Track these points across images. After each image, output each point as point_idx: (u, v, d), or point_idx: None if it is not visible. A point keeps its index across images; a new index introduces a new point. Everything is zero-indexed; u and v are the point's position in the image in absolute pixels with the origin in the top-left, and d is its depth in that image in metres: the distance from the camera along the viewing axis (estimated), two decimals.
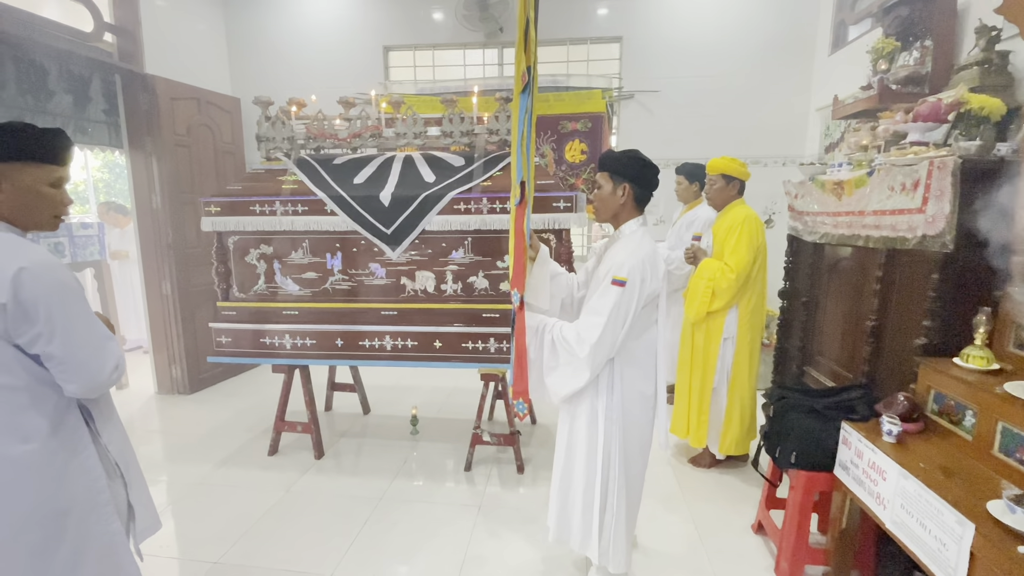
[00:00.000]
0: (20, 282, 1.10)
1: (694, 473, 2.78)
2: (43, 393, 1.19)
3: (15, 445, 1.16)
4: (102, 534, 1.28)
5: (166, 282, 3.88)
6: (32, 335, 1.13)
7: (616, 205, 1.58)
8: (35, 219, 1.24)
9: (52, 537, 1.21)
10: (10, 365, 1.14)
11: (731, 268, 2.45)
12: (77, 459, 1.24)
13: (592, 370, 1.49)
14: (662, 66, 4.27)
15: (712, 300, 2.50)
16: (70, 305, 1.17)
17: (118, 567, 1.32)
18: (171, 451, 3.13)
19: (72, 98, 3.47)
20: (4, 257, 1.11)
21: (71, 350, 1.16)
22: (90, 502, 1.26)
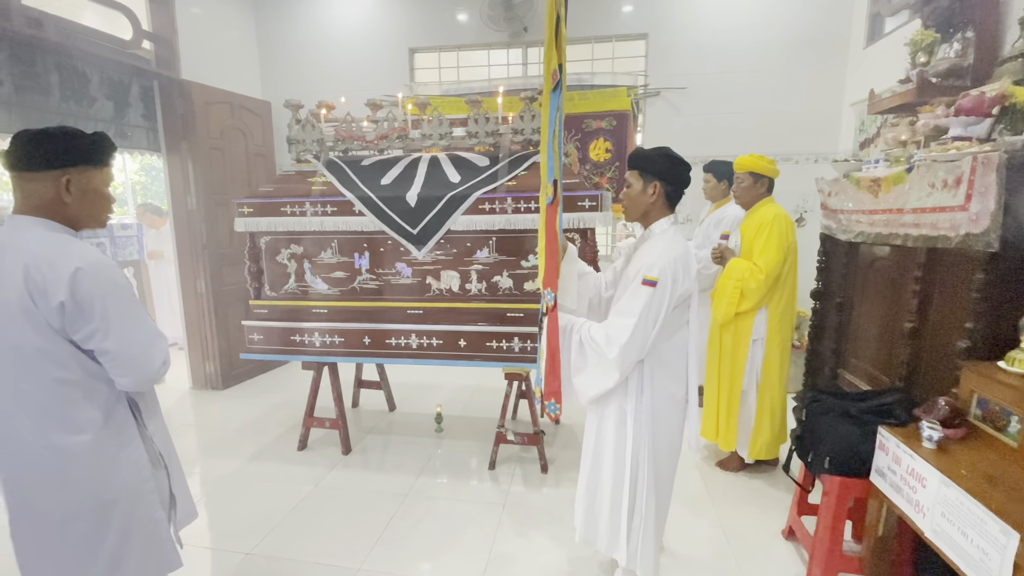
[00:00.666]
0: (77, 281, 1.15)
1: (722, 477, 2.73)
2: (95, 387, 1.24)
3: (69, 436, 1.21)
4: (147, 522, 1.33)
5: (200, 281, 4.01)
6: (88, 331, 1.18)
7: (646, 204, 1.57)
8: (95, 219, 1.31)
9: (101, 525, 1.26)
10: (66, 360, 1.20)
11: (760, 268, 2.40)
12: (125, 450, 1.29)
13: (621, 371, 1.48)
14: (689, 63, 4.21)
15: (741, 301, 2.45)
16: (123, 303, 1.22)
17: (161, 553, 1.37)
18: (205, 444, 3.23)
19: (113, 104, 3.61)
20: (61, 257, 1.16)
21: (124, 346, 1.21)
22: (136, 491, 1.31)
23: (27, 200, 1.21)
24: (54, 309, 1.15)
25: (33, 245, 1.17)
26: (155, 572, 1.37)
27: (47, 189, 1.21)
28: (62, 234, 1.23)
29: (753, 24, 4.08)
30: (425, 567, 2.08)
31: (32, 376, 1.19)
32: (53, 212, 1.23)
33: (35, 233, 1.19)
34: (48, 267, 1.14)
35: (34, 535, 1.26)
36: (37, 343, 1.17)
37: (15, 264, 1.15)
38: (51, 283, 1.14)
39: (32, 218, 1.21)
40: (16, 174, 1.21)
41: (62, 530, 1.24)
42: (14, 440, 1.22)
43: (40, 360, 1.18)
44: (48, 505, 1.24)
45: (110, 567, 1.28)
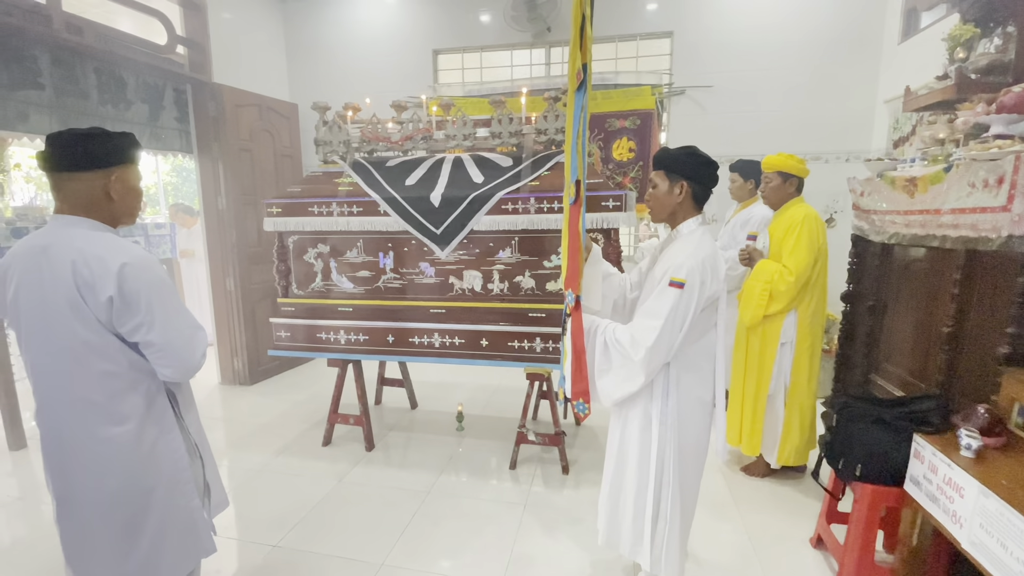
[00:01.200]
0: (124, 276, 1.20)
1: (747, 482, 2.68)
2: (138, 379, 1.30)
3: (113, 427, 1.27)
4: (184, 509, 1.38)
5: (230, 279, 4.12)
6: (134, 324, 1.23)
7: (673, 204, 1.55)
8: (131, 215, 1.36)
9: (141, 511, 1.32)
10: (112, 353, 1.25)
11: (790, 270, 2.35)
12: (165, 439, 1.34)
13: (647, 374, 1.46)
14: (715, 60, 4.14)
15: (769, 303, 2.40)
16: (166, 297, 1.27)
17: (197, 540, 1.42)
18: (233, 438, 3.31)
19: (148, 107, 3.73)
20: (108, 254, 1.21)
21: (168, 338, 1.26)
22: (174, 479, 1.36)
23: (70, 200, 1.26)
24: (102, 304, 1.20)
25: (79, 243, 1.22)
26: (191, 556, 1.42)
27: (93, 188, 1.25)
28: (105, 232, 1.28)
29: (782, 21, 4.00)
30: (447, 565, 2.10)
31: (79, 369, 1.24)
32: (96, 211, 1.28)
33: (80, 232, 1.24)
34: (96, 263, 1.19)
35: (80, 521, 1.31)
36: (85, 337, 1.22)
37: (62, 262, 1.20)
38: (99, 279, 1.19)
39: (76, 217, 1.26)
40: (59, 175, 1.24)
41: (106, 516, 1.30)
42: (61, 431, 1.28)
43: (87, 353, 1.23)
44: (93, 492, 1.29)
45: (150, 551, 1.33)
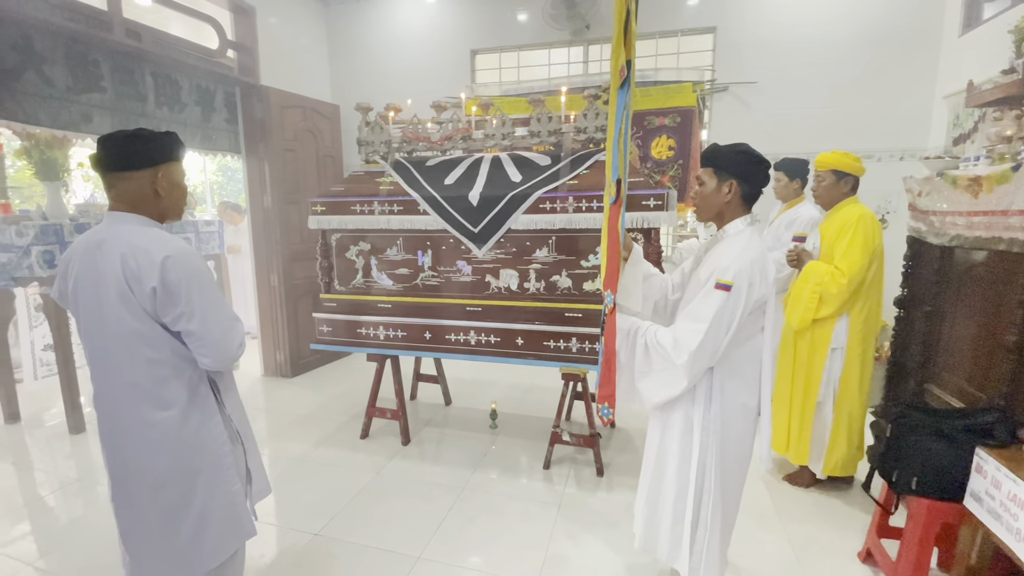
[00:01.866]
0: (166, 268, 1.27)
1: (790, 492, 2.60)
2: (182, 367, 1.36)
3: (159, 411, 1.34)
4: (226, 494, 1.44)
5: (274, 275, 4.26)
6: (176, 314, 1.30)
7: (720, 203, 1.51)
8: (177, 210, 1.44)
9: (186, 492, 1.38)
10: (157, 341, 1.32)
11: (843, 272, 2.25)
12: (207, 425, 1.40)
13: (690, 379, 1.43)
14: (760, 56, 4.02)
15: (819, 307, 2.31)
16: (205, 288, 1.33)
17: (238, 524, 1.47)
18: (274, 429, 3.43)
19: (200, 109, 3.90)
20: (153, 247, 1.28)
21: (207, 327, 1.32)
22: (217, 464, 1.42)
23: (122, 197, 1.35)
24: (147, 294, 1.27)
25: (129, 237, 1.30)
26: (233, 538, 1.47)
27: (141, 186, 1.34)
28: (153, 228, 1.36)
29: (832, 14, 3.84)
30: (482, 560, 2.11)
31: (128, 357, 1.32)
32: (146, 207, 1.36)
33: (130, 227, 1.33)
34: (143, 256, 1.27)
35: (132, 501, 1.39)
36: (133, 326, 1.30)
37: (113, 255, 1.29)
38: (145, 270, 1.26)
39: (127, 214, 1.35)
40: (110, 175, 1.33)
41: (155, 496, 1.37)
42: (115, 415, 1.37)
43: (135, 342, 1.31)
44: (142, 473, 1.37)
45: (195, 531, 1.40)
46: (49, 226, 3.19)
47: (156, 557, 1.39)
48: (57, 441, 3.25)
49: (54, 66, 2.97)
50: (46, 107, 2.96)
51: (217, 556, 1.43)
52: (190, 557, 1.40)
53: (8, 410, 3.53)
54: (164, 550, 1.39)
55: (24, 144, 3.29)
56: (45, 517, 2.46)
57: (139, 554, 1.40)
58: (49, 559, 2.13)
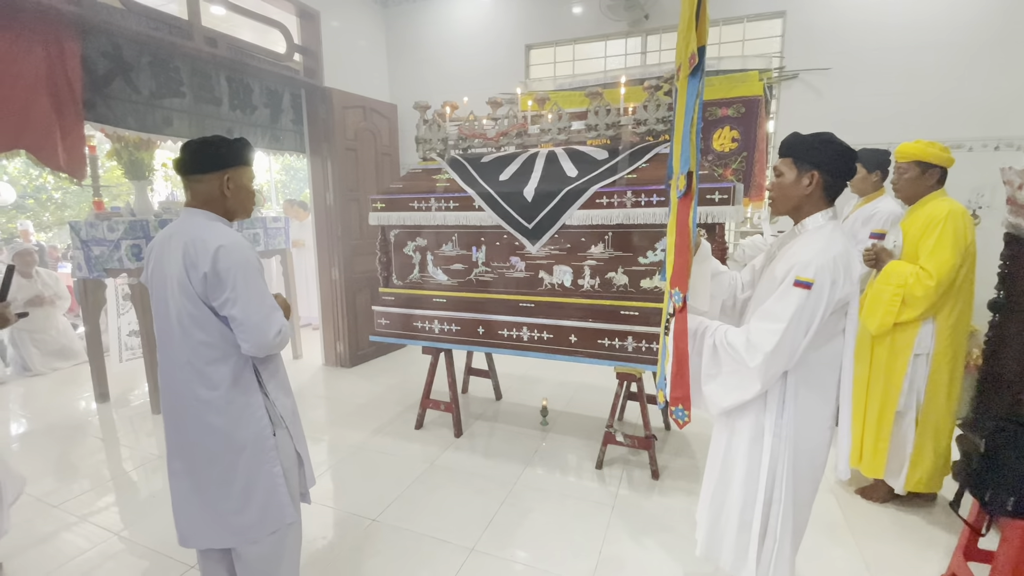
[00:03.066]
0: (218, 256, 1.37)
1: (864, 506, 2.43)
2: (228, 350, 1.45)
3: (207, 390, 1.44)
4: (268, 475, 1.51)
5: (335, 269, 4.44)
6: (222, 299, 1.39)
7: (800, 196, 1.41)
8: (245, 210, 1.56)
9: (230, 469, 1.47)
10: (208, 324, 1.42)
11: (929, 273, 2.06)
12: (249, 407, 1.48)
13: (764, 382, 1.35)
14: (835, 41, 3.76)
15: (901, 310, 2.13)
16: (250, 278, 1.42)
17: (280, 506, 1.54)
18: (334, 417, 3.57)
19: (269, 111, 4.10)
20: (210, 237, 1.39)
21: (247, 314, 1.40)
22: (259, 445, 1.49)
23: (195, 196, 1.49)
24: (200, 279, 1.37)
25: (193, 230, 1.42)
26: (274, 520, 1.54)
27: (211, 187, 1.47)
28: (216, 222, 1.47)
29: None
30: (534, 557, 2.11)
31: (185, 338, 1.43)
32: (214, 206, 1.49)
33: (197, 221, 1.45)
34: (200, 244, 1.38)
35: (185, 473, 1.50)
36: (189, 310, 1.41)
37: (178, 245, 1.41)
38: (200, 257, 1.37)
39: (197, 210, 1.48)
40: (188, 177, 1.47)
41: (205, 470, 1.47)
42: (174, 392, 1.48)
43: (191, 324, 1.41)
44: (194, 448, 1.47)
45: (239, 507, 1.48)
46: (136, 222, 3.45)
47: (207, 525, 1.50)
48: (140, 420, 3.53)
49: (140, 73, 3.21)
50: (133, 111, 3.20)
51: (259, 531, 1.51)
52: (236, 528, 1.49)
53: (99, 390, 3.87)
54: (212, 519, 1.49)
55: (115, 146, 3.58)
56: (129, 490, 2.67)
57: (191, 522, 1.51)
58: (132, 530, 2.32)
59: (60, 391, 4.16)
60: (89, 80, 2.95)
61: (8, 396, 4.06)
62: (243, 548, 1.52)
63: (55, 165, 2.83)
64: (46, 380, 4.43)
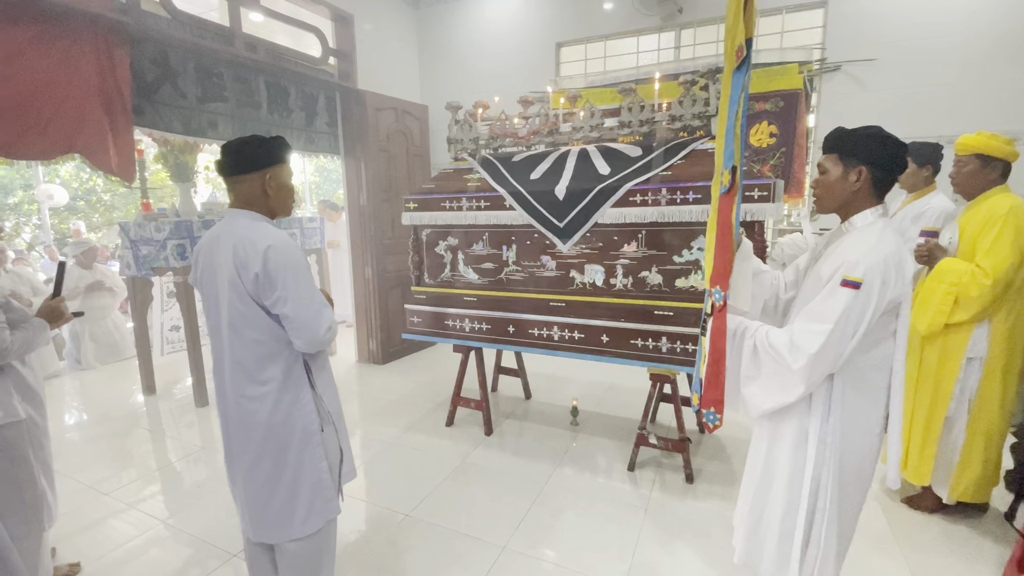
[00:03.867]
0: (268, 257, 1.39)
1: (910, 516, 2.32)
2: (279, 348, 1.48)
3: (257, 387, 1.47)
4: (314, 470, 1.54)
5: (368, 268, 4.52)
6: (274, 298, 1.41)
7: (847, 192, 1.36)
8: (286, 208, 1.58)
9: (278, 465, 1.50)
10: (258, 323, 1.45)
11: (986, 272, 1.95)
12: (298, 403, 1.51)
13: (807, 385, 1.30)
14: (880, 30, 3.60)
15: (954, 310, 2.02)
16: (299, 276, 1.44)
17: (326, 501, 1.57)
18: (367, 412, 3.64)
19: (305, 114, 4.20)
20: (259, 238, 1.42)
21: (298, 311, 1.42)
22: (306, 441, 1.52)
23: (239, 197, 1.51)
24: (251, 279, 1.40)
25: (240, 230, 1.45)
26: (319, 515, 1.57)
27: (254, 187, 1.50)
28: (261, 222, 1.50)
29: None
30: (566, 558, 2.10)
31: (236, 336, 1.46)
32: (258, 205, 1.52)
33: (242, 221, 1.48)
34: (249, 245, 1.40)
35: (236, 468, 1.55)
36: (241, 309, 1.43)
37: (227, 246, 1.44)
38: (250, 257, 1.39)
39: (242, 210, 1.51)
40: (230, 178, 1.50)
41: (255, 465, 1.51)
42: (224, 388, 1.52)
43: (242, 323, 1.44)
44: (245, 444, 1.51)
45: (287, 501, 1.51)
46: (181, 222, 3.59)
47: (255, 519, 1.54)
48: (184, 412, 3.68)
49: (185, 79, 3.33)
50: (179, 116, 3.33)
51: (304, 528, 1.54)
52: (282, 524, 1.53)
53: (146, 383, 4.05)
54: (263, 514, 1.53)
55: (161, 150, 3.74)
56: (174, 480, 2.79)
57: (243, 514, 1.56)
58: (177, 518, 2.41)
59: (110, 384, 4.37)
60: (138, 86, 3.08)
61: (63, 388, 4.29)
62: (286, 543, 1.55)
63: (107, 168, 2.96)
64: (97, 374, 4.66)
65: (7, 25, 2.50)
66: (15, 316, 1.78)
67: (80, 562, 2.09)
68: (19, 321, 1.78)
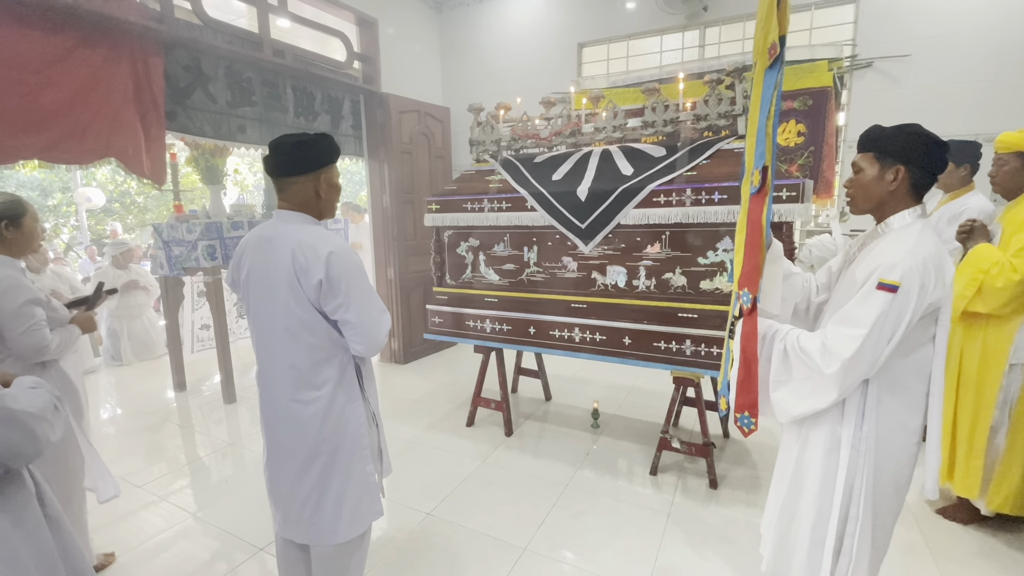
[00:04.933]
0: (330, 263, 1.38)
1: (945, 527, 2.24)
2: (335, 352, 1.48)
3: (312, 391, 1.46)
4: (362, 472, 1.54)
5: (391, 268, 4.57)
6: (336, 304, 1.41)
7: (883, 192, 1.31)
8: (332, 209, 1.56)
9: (328, 468, 1.50)
10: (317, 328, 1.44)
11: (1015, 267, 1.86)
12: (351, 406, 1.51)
13: (840, 391, 1.26)
14: (914, 25, 3.49)
15: (974, 299, 1.93)
16: (361, 281, 1.44)
17: (371, 501, 1.57)
18: (389, 411, 3.67)
19: (330, 117, 4.27)
20: (319, 244, 1.40)
21: (361, 317, 1.42)
22: (355, 444, 1.52)
23: (289, 198, 1.48)
24: (314, 286, 1.39)
25: (296, 235, 1.43)
26: (366, 517, 1.58)
27: (307, 189, 1.47)
28: (315, 226, 1.49)
29: None
30: (588, 561, 2.08)
31: (292, 341, 1.45)
32: (309, 207, 1.50)
33: (297, 226, 1.46)
34: (310, 251, 1.39)
35: (284, 471, 1.53)
36: (299, 314, 1.43)
37: (284, 250, 1.42)
38: (312, 264, 1.38)
39: (293, 213, 1.48)
40: (282, 179, 1.46)
41: (304, 468, 1.50)
42: (274, 394, 1.51)
43: (300, 328, 1.44)
44: (294, 446, 1.50)
45: (337, 504, 1.51)
46: (212, 224, 3.69)
47: (302, 523, 1.53)
48: (212, 408, 3.77)
49: (216, 84, 3.42)
50: (210, 120, 3.42)
51: (351, 531, 1.54)
52: (330, 528, 1.52)
53: (177, 379, 4.17)
54: (308, 519, 1.52)
55: (193, 153, 3.84)
56: (203, 474, 2.86)
57: (288, 518, 1.55)
58: (206, 511, 2.47)
59: (143, 380, 4.52)
60: (171, 92, 3.18)
61: (99, 384, 4.44)
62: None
63: (140, 172, 3.06)
64: (132, 369, 4.82)
65: (50, 34, 2.60)
66: (56, 316, 1.86)
67: (115, 552, 2.16)
68: (59, 320, 1.86)
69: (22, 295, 1.70)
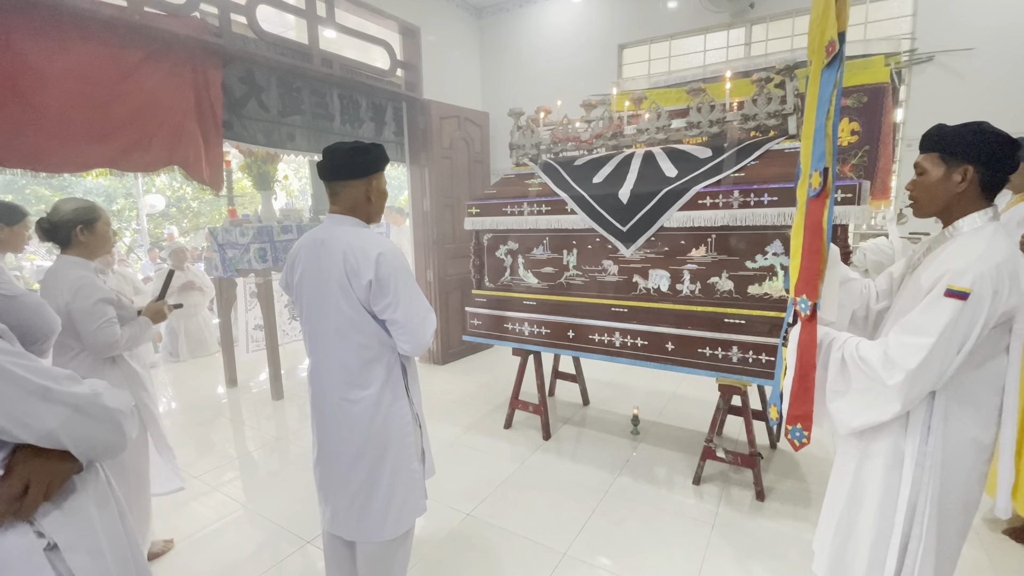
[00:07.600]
0: (379, 264, 1.43)
1: (1014, 550, 2.09)
2: (383, 351, 1.52)
3: (360, 390, 1.51)
4: (408, 471, 1.58)
5: (430, 271, 4.65)
6: (384, 304, 1.46)
7: (950, 194, 1.24)
8: (380, 213, 1.62)
9: (376, 465, 1.54)
10: (366, 328, 1.49)
11: None
12: (396, 405, 1.55)
13: (904, 403, 1.20)
14: (979, 16, 3.29)
15: None
16: (408, 282, 1.49)
17: (416, 498, 1.61)
18: (428, 411, 3.70)
19: (374, 124, 4.38)
20: (369, 246, 1.46)
21: (408, 316, 1.46)
22: (402, 442, 1.56)
23: (341, 202, 1.54)
24: (364, 287, 1.44)
25: (348, 237, 1.48)
26: (412, 514, 1.61)
27: (358, 193, 1.53)
28: (365, 229, 1.54)
29: None
30: (630, 569, 2.05)
31: (342, 340, 1.50)
32: (358, 211, 1.56)
33: (348, 229, 1.52)
34: (360, 253, 1.44)
35: (334, 468, 1.58)
36: (349, 314, 1.48)
37: (336, 253, 1.47)
38: (362, 265, 1.43)
39: (344, 216, 1.55)
40: (335, 183, 1.52)
41: (353, 465, 1.55)
42: (325, 393, 1.56)
43: (350, 328, 1.49)
44: (343, 444, 1.54)
45: (385, 501, 1.55)
46: (263, 228, 3.85)
47: (351, 521, 1.57)
48: (262, 404, 3.93)
49: (269, 94, 3.57)
50: (262, 129, 3.58)
51: (397, 528, 1.58)
52: (378, 525, 1.56)
53: (229, 376, 4.36)
54: (356, 515, 1.56)
55: (246, 160, 4.02)
56: (251, 467, 2.98)
57: (337, 515, 1.60)
58: (254, 503, 2.57)
59: (198, 376, 4.75)
60: (227, 102, 3.34)
61: (157, 379, 4.70)
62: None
63: (200, 179, 3.23)
64: (188, 366, 5.08)
65: (119, 49, 2.78)
66: (124, 313, 1.98)
67: (173, 539, 2.28)
68: (127, 318, 1.98)
69: (95, 294, 1.82)
